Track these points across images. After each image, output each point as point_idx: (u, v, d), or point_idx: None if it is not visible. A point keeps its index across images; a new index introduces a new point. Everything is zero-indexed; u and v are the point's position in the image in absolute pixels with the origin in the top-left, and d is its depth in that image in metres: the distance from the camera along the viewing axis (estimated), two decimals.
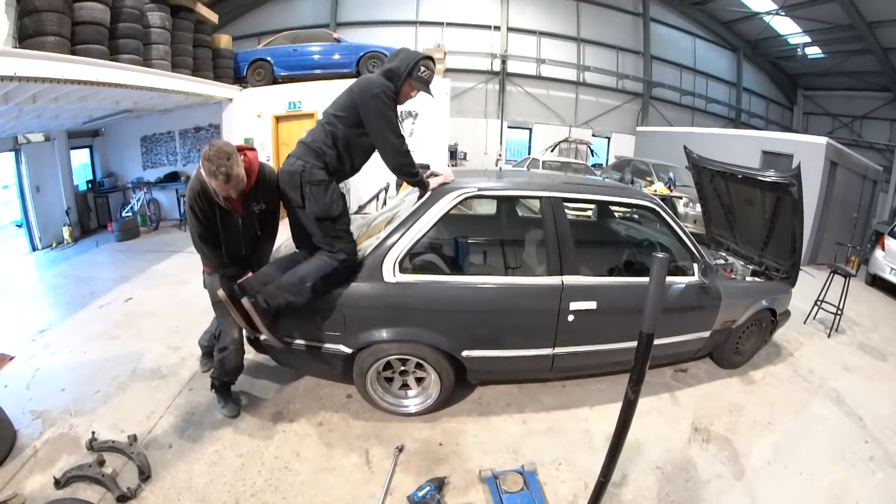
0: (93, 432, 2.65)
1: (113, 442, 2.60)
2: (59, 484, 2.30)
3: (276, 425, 2.87)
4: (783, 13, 14.18)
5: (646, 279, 3.09)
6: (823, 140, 8.75)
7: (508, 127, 15.08)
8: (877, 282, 7.94)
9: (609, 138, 16.12)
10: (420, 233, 2.70)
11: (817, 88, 18.50)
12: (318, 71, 8.96)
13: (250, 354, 3.41)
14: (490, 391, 3.29)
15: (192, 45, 7.53)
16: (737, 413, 3.33)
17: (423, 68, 2.57)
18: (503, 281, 2.96)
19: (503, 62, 14.49)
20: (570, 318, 2.81)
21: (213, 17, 8.28)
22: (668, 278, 3.20)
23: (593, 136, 15.49)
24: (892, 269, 7.57)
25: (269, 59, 9.02)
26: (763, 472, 2.78)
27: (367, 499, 2.35)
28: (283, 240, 3.09)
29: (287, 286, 2.53)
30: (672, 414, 3.25)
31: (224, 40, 8.87)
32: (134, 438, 2.63)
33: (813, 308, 5.23)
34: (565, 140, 13.89)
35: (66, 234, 8.12)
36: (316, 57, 9.02)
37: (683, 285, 3.19)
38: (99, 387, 3.29)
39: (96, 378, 3.40)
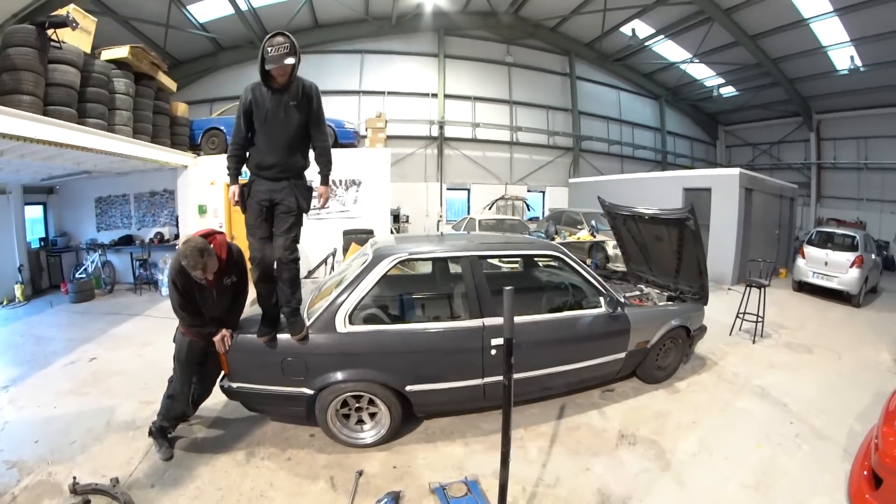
0: (74, 477, 2.80)
1: (96, 484, 2.80)
2: None
3: (250, 462, 3.21)
4: (697, 60, 15.88)
5: (558, 315, 3.70)
6: (736, 171, 9.94)
7: (448, 189, 15.55)
8: (803, 287, 8.95)
9: (544, 192, 16.91)
10: (364, 291, 3.31)
11: (736, 123, 20.73)
12: None
13: (219, 404, 3.82)
14: (435, 423, 3.69)
15: (152, 112, 7.75)
16: (662, 418, 3.72)
17: (268, 49, 2.87)
18: (436, 326, 3.51)
19: (441, 127, 15.09)
20: (493, 352, 3.35)
21: (173, 85, 8.68)
22: (581, 311, 3.86)
23: (528, 191, 16.36)
24: (814, 272, 8.63)
25: (222, 128, 9.27)
26: (689, 463, 3.14)
27: None
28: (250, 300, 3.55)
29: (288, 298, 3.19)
30: (600, 426, 3.66)
31: (181, 108, 9.16)
32: (116, 481, 2.85)
33: (735, 320, 5.80)
34: (502, 198, 14.72)
35: (18, 293, 7.99)
36: None
37: (592, 317, 3.85)
38: (75, 438, 3.45)
39: (71, 430, 3.55)
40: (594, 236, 9.48)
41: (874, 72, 13.48)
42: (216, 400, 3.71)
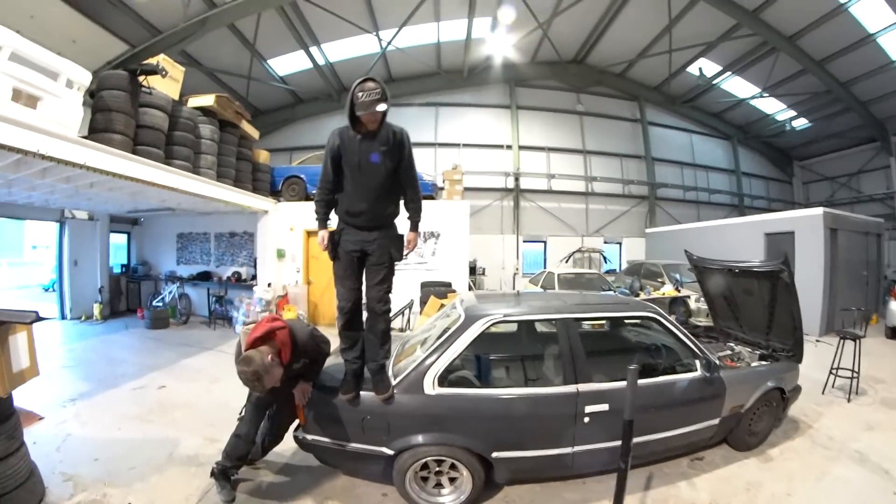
0: (129, 503, 2.77)
1: None
2: None
3: None
4: (766, 94, 15.33)
5: (651, 380, 3.36)
6: (819, 211, 9.15)
7: (524, 241, 15.37)
8: None
9: (620, 243, 16.45)
10: (456, 353, 3.13)
11: (810, 157, 19.46)
12: None
13: (288, 450, 3.65)
14: (515, 490, 3.40)
15: (235, 158, 8.17)
16: (754, 489, 3.39)
17: (359, 94, 2.79)
18: (527, 392, 3.25)
19: (516, 179, 15.16)
20: (586, 419, 3.07)
21: (255, 133, 9.16)
22: (675, 376, 3.49)
23: (605, 243, 15.96)
24: None
25: (302, 176, 9.65)
26: None
27: None
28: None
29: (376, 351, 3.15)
30: (689, 498, 3.28)
31: (263, 155, 9.64)
32: None
33: (829, 377, 5.27)
34: (578, 250, 14.46)
35: (97, 312, 8.56)
36: None
37: (687, 381, 3.48)
38: (135, 464, 3.42)
39: (132, 456, 3.54)
40: (679, 291, 9.06)
41: None
42: (285, 446, 3.55)
